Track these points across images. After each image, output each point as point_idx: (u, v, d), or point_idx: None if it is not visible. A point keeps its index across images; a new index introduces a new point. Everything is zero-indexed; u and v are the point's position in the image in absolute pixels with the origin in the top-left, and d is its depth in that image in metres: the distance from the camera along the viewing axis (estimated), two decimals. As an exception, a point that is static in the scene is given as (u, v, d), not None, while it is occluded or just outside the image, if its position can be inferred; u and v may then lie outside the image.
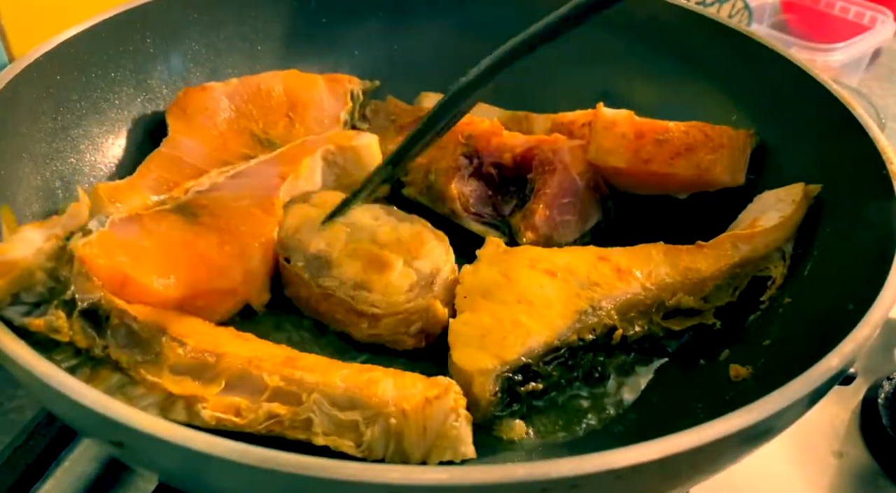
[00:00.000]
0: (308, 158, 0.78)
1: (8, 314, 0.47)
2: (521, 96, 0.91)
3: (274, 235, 0.71)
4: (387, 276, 0.66)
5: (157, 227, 0.68)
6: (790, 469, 0.69)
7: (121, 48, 0.81)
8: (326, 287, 0.67)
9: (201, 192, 0.73)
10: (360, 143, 0.81)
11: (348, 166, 0.81)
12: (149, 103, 0.85)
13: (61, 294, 0.49)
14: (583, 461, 0.39)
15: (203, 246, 0.68)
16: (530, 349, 0.60)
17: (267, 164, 0.78)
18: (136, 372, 0.53)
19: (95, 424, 0.42)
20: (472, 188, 0.79)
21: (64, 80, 0.75)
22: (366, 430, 0.53)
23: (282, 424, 0.53)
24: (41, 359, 0.44)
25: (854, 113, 0.68)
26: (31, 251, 0.47)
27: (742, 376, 0.62)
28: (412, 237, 0.70)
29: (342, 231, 0.70)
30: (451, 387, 0.55)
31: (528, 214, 0.75)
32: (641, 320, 0.66)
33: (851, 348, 0.48)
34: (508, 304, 0.62)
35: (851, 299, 0.57)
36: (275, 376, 0.54)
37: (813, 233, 0.69)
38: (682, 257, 0.68)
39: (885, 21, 1.32)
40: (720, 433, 0.41)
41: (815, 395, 0.46)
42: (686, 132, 0.78)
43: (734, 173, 0.77)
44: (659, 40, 0.88)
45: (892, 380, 0.73)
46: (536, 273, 0.65)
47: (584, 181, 0.77)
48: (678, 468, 0.43)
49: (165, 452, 0.41)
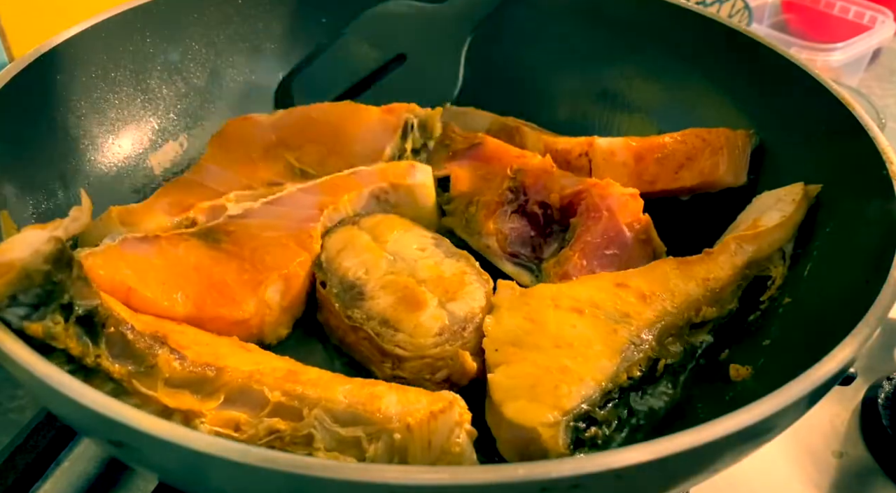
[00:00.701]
0: (353, 193, 0.74)
1: (6, 316, 0.47)
2: (521, 96, 0.90)
3: (301, 269, 0.67)
4: (417, 315, 0.62)
5: (173, 249, 0.66)
6: (790, 469, 0.69)
7: (120, 48, 0.81)
8: (355, 320, 0.64)
9: (233, 217, 0.70)
10: (415, 181, 0.76)
11: (401, 205, 0.76)
12: (148, 103, 0.85)
13: (59, 298, 0.49)
14: (583, 460, 0.38)
15: (219, 271, 0.65)
16: (587, 396, 0.56)
17: (306, 192, 0.73)
18: (129, 384, 0.52)
19: (95, 423, 0.42)
20: (514, 226, 0.75)
21: (64, 80, 0.75)
22: (369, 446, 0.52)
23: (282, 440, 0.52)
24: (41, 359, 0.44)
25: (854, 113, 0.68)
26: (29, 253, 0.47)
27: (742, 376, 0.62)
28: (454, 276, 0.66)
29: (384, 259, 0.67)
30: (455, 401, 0.54)
31: (563, 260, 0.70)
32: (677, 344, 0.64)
33: (852, 348, 0.48)
34: (546, 350, 0.58)
35: (851, 299, 0.57)
36: (276, 392, 0.53)
37: (812, 233, 0.69)
38: (696, 269, 0.67)
39: (885, 21, 1.32)
40: (720, 433, 0.41)
41: (816, 395, 0.46)
42: (684, 142, 0.77)
43: (736, 174, 0.77)
44: (658, 40, 0.88)
45: (892, 380, 0.73)
46: (563, 313, 0.61)
47: (633, 233, 0.71)
48: (678, 467, 0.43)
49: (165, 452, 0.41)
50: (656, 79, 0.89)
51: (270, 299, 0.66)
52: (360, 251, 0.68)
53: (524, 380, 0.56)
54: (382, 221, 0.72)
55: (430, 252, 0.68)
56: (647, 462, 0.39)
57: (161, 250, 0.65)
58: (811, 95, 0.73)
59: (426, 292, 0.64)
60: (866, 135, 0.66)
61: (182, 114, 0.88)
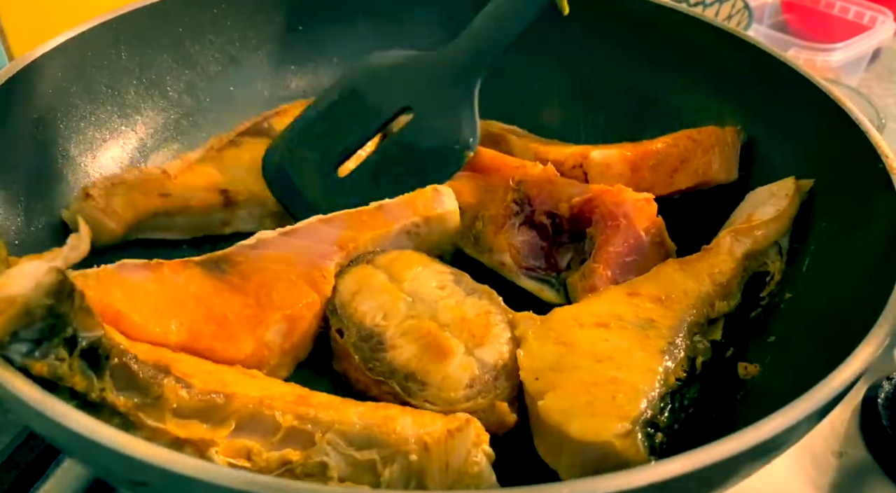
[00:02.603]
0: (379, 232, 0.69)
1: (9, 354, 0.44)
2: (522, 96, 0.90)
3: (308, 311, 0.63)
4: (445, 366, 0.58)
5: (173, 277, 0.62)
6: (790, 469, 0.69)
7: (121, 48, 0.80)
8: (378, 373, 0.59)
9: (244, 246, 0.65)
10: (445, 209, 0.72)
11: (431, 236, 0.73)
12: (126, 119, 0.82)
13: (62, 332, 0.46)
14: (621, 477, 0.38)
15: (219, 304, 0.61)
16: (648, 400, 0.55)
17: (326, 223, 0.68)
18: (136, 417, 0.50)
19: (117, 464, 0.40)
20: (524, 239, 0.73)
21: (64, 80, 0.74)
22: (384, 470, 0.50)
23: (293, 472, 0.51)
24: (52, 397, 0.42)
25: (846, 109, 0.69)
26: (30, 287, 0.45)
27: (751, 373, 0.62)
28: (478, 317, 0.62)
29: (402, 301, 0.63)
30: (472, 421, 0.52)
31: (588, 273, 0.69)
32: (703, 341, 0.63)
33: (871, 350, 0.47)
34: (588, 367, 0.57)
35: (855, 293, 0.58)
36: (288, 416, 0.52)
37: (808, 228, 0.70)
38: (699, 266, 0.67)
39: (885, 21, 1.33)
40: (741, 447, 0.41)
41: (836, 399, 0.46)
42: (676, 145, 0.77)
43: (728, 170, 0.78)
44: (652, 42, 0.88)
45: (892, 380, 0.74)
46: (591, 330, 0.60)
47: (649, 238, 0.70)
48: (695, 484, 0.43)
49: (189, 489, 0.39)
50: (649, 80, 0.88)
51: (271, 341, 0.61)
52: (376, 293, 0.63)
53: (578, 399, 0.54)
54: (398, 257, 0.67)
55: (450, 290, 0.64)
56: (686, 473, 0.39)
57: (161, 277, 0.61)
58: (803, 93, 0.73)
59: (450, 337, 0.60)
60: (859, 130, 0.66)
61: (162, 128, 0.86)
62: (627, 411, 0.53)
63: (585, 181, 0.77)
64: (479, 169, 0.79)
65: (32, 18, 0.91)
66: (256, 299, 0.62)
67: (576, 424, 0.53)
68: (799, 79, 0.74)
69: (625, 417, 0.53)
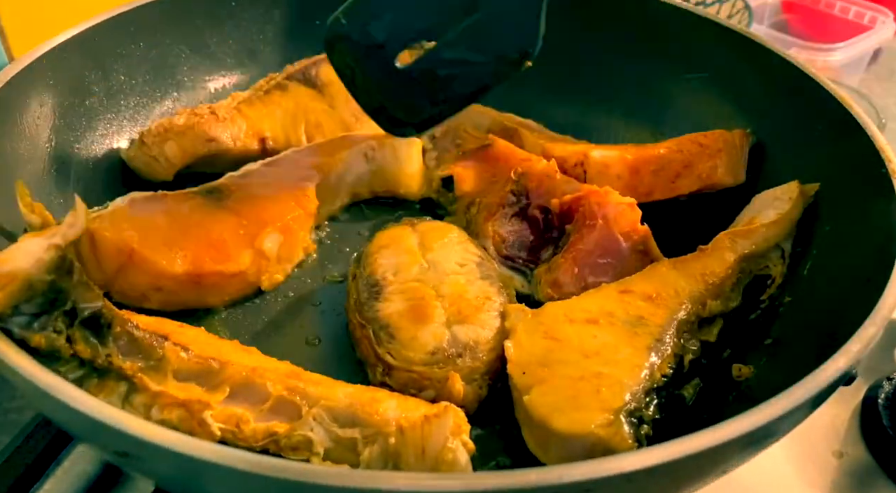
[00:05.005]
0: (346, 152, 0.79)
1: (9, 326, 0.46)
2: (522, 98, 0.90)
3: (295, 223, 0.72)
4: (418, 328, 0.61)
5: (178, 207, 0.69)
6: (790, 469, 0.69)
7: (121, 49, 0.81)
8: (363, 317, 0.63)
9: (234, 177, 0.74)
10: (399, 139, 0.80)
11: (385, 164, 0.81)
12: (145, 106, 0.85)
13: (62, 305, 0.48)
14: (595, 465, 0.39)
15: (218, 228, 0.69)
16: (631, 393, 0.55)
17: (303, 154, 0.78)
18: (140, 380, 0.52)
19: (99, 434, 0.42)
20: (513, 229, 0.74)
21: (64, 80, 0.75)
22: (364, 449, 0.51)
23: (277, 444, 0.52)
24: (42, 369, 0.44)
25: (852, 112, 0.68)
26: (30, 262, 0.47)
27: (745, 375, 0.62)
28: (476, 299, 0.64)
29: (418, 265, 0.66)
30: (451, 408, 0.53)
31: (553, 267, 0.70)
32: (693, 340, 0.64)
33: (858, 349, 0.48)
34: (575, 362, 0.57)
35: (852, 298, 0.57)
36: (278, 386, 0.54)
37: (811, 232, 0.69)
38: (692, 266, 0.67)
39: (885, 21, 1.32)
40: (728, 436, 0.41)
41: (821, 396, 0.46)
42: (680, 150, 0.77)
43: (735, 174, 0.77)
44: (657, 41, 0.88)
45: (892, 380, 0.73)
46: (580, 326, 0.61)
47: (629, 243, 0.70)
48: (687, 471, 0.43)
49: (168, 461, 0.40)
50: (653, 80, 0.88)
51: (268, 249, 0.70)
52: (400, 253, 0.67)
53: (563, 393, 0.55)
54: (437, 228, 0.71)
55: (467, 270, 0.67)
56: (657, 466, 0.39)
57: (167, 209, 0.68)
58: (810, 95, 0.73)
59: (438, 307, 0.62)
60: (864, 134, 0.66)
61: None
62: (610, 403, 0.54)
63: (585, 180, 0.77)
64: (488, 159, 0.81)
65: (32, 18, 0.92)
66: (250, 218, 0.70)
67: (560, 418, 0.54)
68: (808, 81, 0.73)
69: (607, 408, 0.53)
